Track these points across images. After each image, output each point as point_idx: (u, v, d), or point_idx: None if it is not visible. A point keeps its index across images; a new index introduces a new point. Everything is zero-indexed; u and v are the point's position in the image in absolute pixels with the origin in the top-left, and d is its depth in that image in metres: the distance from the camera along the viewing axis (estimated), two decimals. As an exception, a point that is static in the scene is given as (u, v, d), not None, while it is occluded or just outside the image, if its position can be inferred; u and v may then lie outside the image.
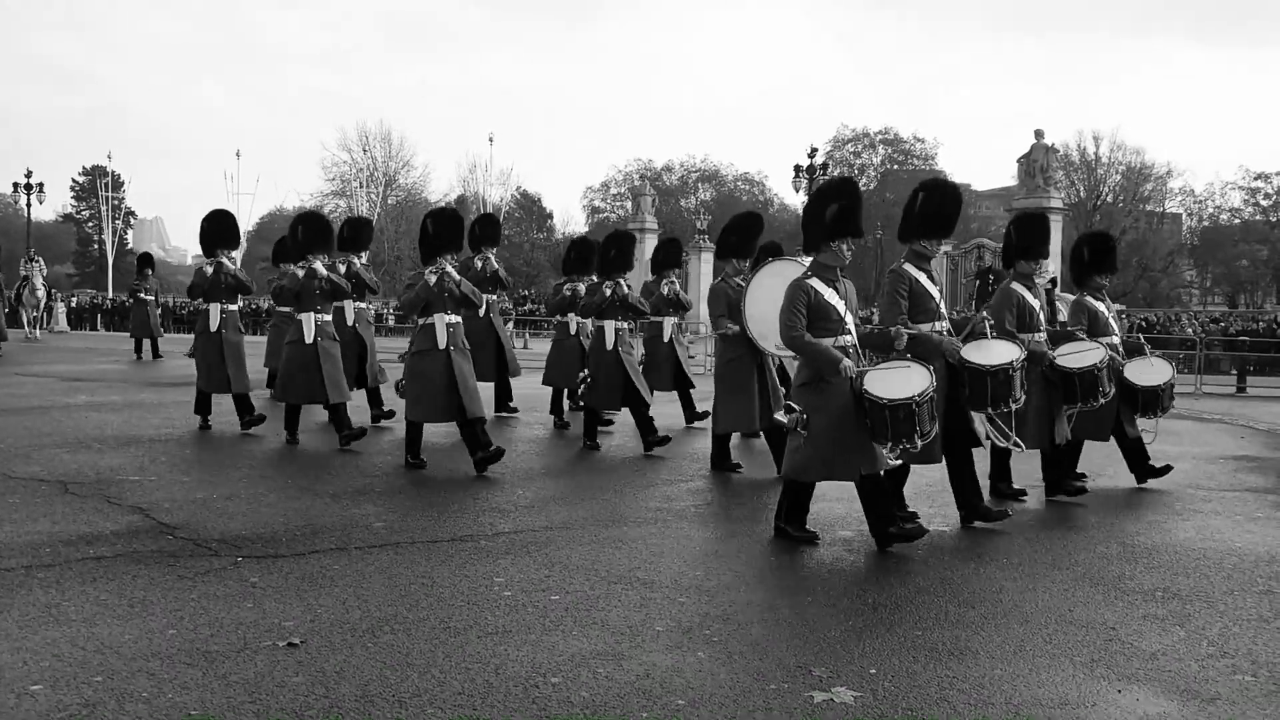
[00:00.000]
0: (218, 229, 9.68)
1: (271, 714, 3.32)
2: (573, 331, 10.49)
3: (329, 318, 9.13)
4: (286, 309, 10.87)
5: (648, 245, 53.72)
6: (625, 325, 9.34)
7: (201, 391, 9.76)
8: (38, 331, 24.47)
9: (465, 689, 3.56)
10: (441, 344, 7.75)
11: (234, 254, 10.17)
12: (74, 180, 76.83)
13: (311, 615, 4.32)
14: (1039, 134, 35.42)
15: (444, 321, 7.79)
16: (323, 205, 71.15)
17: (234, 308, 9.82)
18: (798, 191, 41.27)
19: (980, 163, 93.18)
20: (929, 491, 7.15)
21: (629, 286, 9.34)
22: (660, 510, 6.64)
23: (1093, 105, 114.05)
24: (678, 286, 10.62)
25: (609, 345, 9.06)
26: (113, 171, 61.48)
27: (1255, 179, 57.77)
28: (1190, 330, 30.86)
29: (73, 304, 43.05)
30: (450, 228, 8.06)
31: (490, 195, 56.20)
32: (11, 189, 49.84)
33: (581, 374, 9.41)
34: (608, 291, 9.09)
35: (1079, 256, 7.92)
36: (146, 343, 19.41)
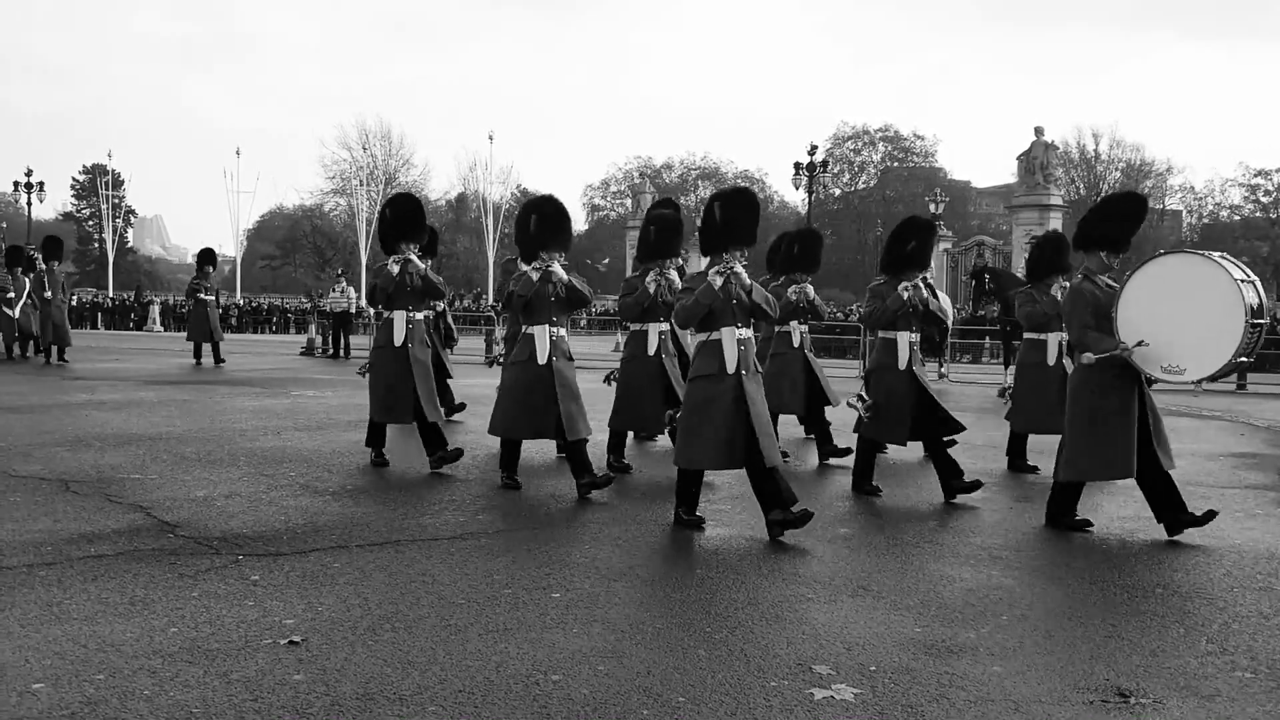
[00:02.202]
0: (401, 217, 7.97)
1: (273, 712, 3.32)
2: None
3: (421, 317, 7.96)
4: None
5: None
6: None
7: (377, 422, 8.06)
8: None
9: (466, 686, 3.57)
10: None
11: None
12: (74, 179, 76.88)
13: (312, 613, 4.33)
14: (1039, 131, 35.43)
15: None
16: (323, 204, 71.25)
17: (421, 316, 7.98)
18: (797, 189, 41.29)
19: (981, 161, 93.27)
20: (930, 494, 7.16)
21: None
22: (660, 508, 6.64)
23: (1091, 101, 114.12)
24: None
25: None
26: (113, 170, 61.51)
27: (1255, 175, 57.83)
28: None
29: (73, 302, 43.03)
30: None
31: (490, 193, 56.11)
32: (12, 188, 49.82)
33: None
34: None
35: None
36: (205, 346, 18.15)
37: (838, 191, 67.21)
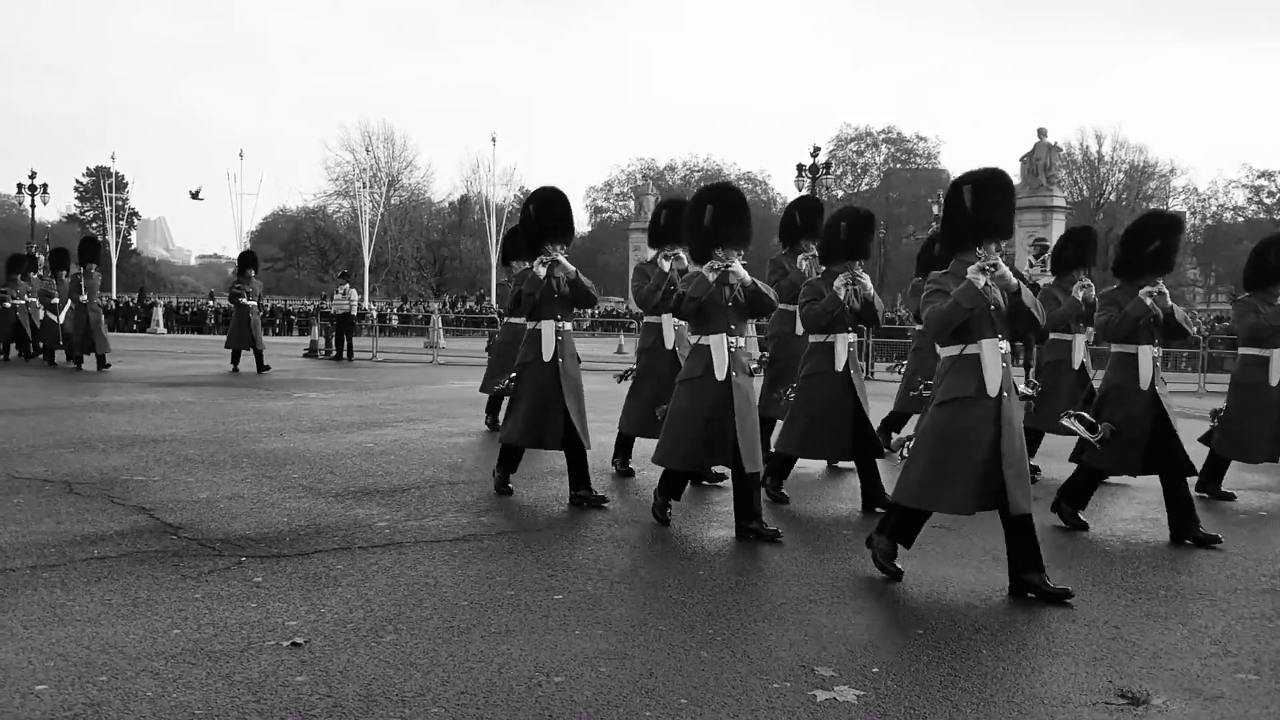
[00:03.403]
0: (546, 214, 6.78)
1: (275, 713, 3.33)
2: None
3: (570, 327, 6.93)
4: (519, 319, 9.53)
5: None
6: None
7: (512, 446, 7.00)
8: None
9: (468, 688, 3.57)
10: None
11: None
12: (78, 181, 77.09)
13: (315, 615, 4.33)
14: (1041, 133, 35.41)
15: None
16: (326, 205, 71.32)
17: (569, 326, 6.93)
18: (800, 191, 41.28)
19: (983, 162, 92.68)
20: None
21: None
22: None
23: (1093, 101, 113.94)
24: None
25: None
26: (116, 172, 61.62)
27: (1259, 177, 57.78)
28: (1194, 329, 30.81)
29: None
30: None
31: (494, 195, 56.14)
32: (16, 190, 49.91)
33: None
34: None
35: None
36: (239, 352, 17.58)
37: (840, 193, 67.18)
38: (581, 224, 79.46)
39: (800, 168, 39.03)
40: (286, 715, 3.32)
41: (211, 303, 48.23)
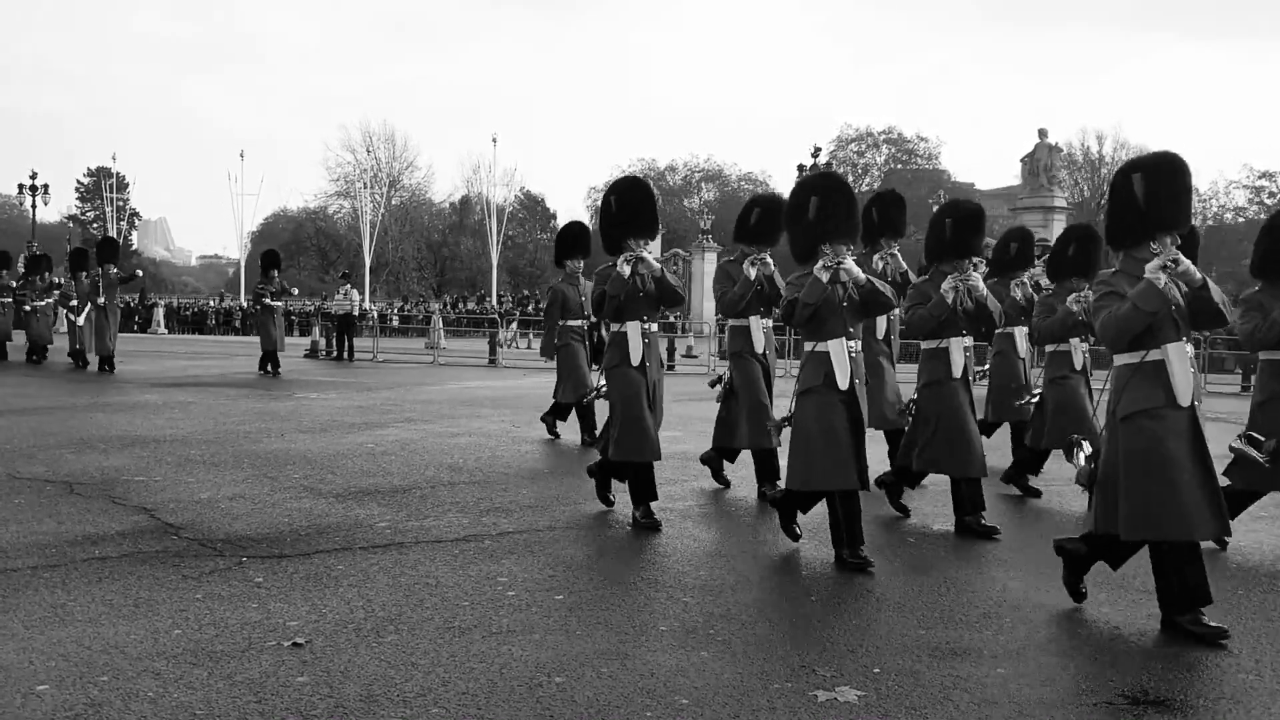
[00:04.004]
0: (629, 207, 6.27)
1: (276, 714, 3.33)
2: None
3: (656, 328, 6.41)
4: (576, 322, 9.65)
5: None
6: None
7: (614, 462, 6.34)
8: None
9: (469, 688, 3.57)
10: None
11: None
12: (78, 181, 77.04)
13: (316, 615, 4.33)
14: (1042, 133, 35.40)
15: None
16: (327, 206, 71.33)
17: (655, 327, 6.43)
18: (801, 191, 41.23)
19: (984, 163, 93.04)
20: (932, 493, 7.15)
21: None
22: (664, 510, 6.64)
23: (1093, 102, 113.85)
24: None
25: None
26: (117, 172, 61.58)
27: (1260, 178, 57.71)
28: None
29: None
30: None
31: (494, 196, 56.13)
32: (16, 190, 49.94)
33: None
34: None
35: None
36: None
37: (841, 193, 67.13)
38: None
39: (801, 168, 39.02)
40: (288, 715, 3.32)
41: (212, 303, 48.26)
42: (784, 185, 79.08)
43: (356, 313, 23.52)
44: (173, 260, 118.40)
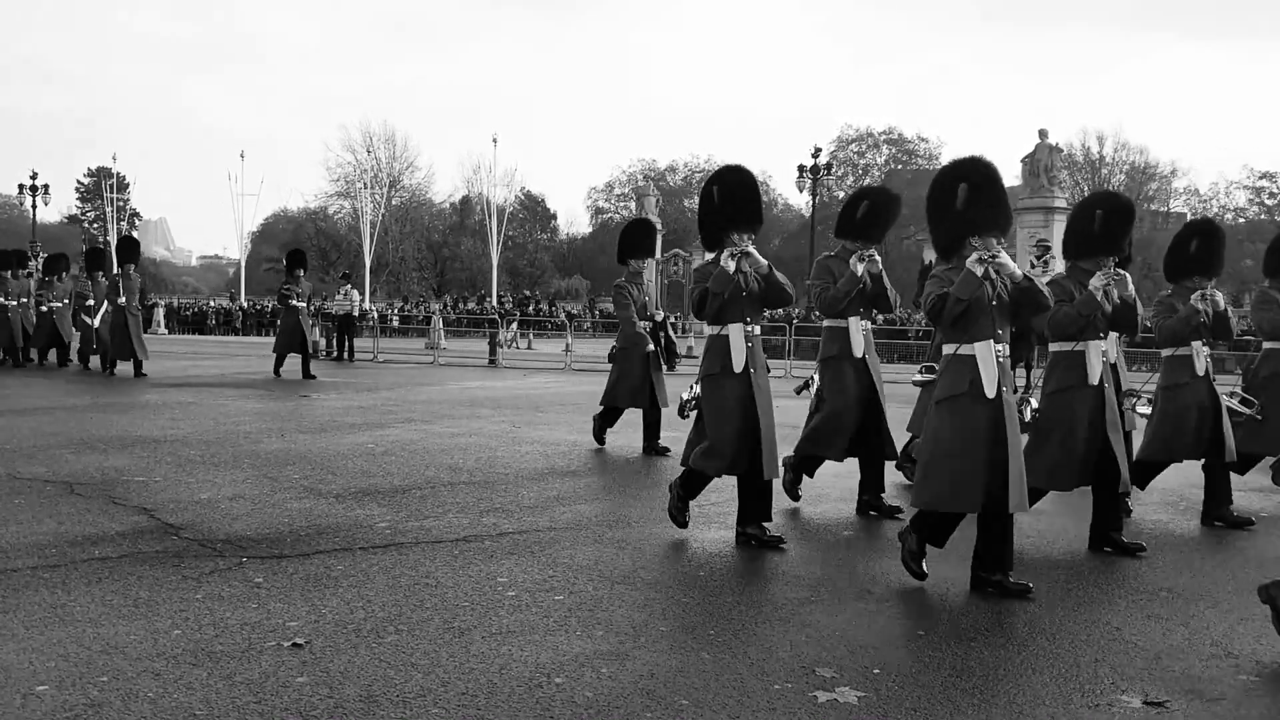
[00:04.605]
0: (733, 197, 5.80)
1: (276, 714, 3.33)
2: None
3: (760, 331, 5.87)
4: (642, 321, 9.12)
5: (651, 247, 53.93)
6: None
7: (700, 473, 5.91)
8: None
9: (469, 689, 3.57)
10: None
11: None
12: (79, 181, 77.09)
13: (316, 616, 4.33)
14: (1043, 134, 35.41)
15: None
16: (327, 206, 71.35)
17: (759, 330, 5.87)
18: (801, 191, 41.31)
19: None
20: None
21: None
22: (664, 510, 6.64)
23: (1094, 102, 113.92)
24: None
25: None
26: (117, 172, 61.59)
27: (1260, 178, 57.73)
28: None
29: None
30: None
31: (495, 196, 56.14)
32: (17, 190, 49.94)
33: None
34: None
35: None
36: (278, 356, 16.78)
37: (841, 194, 67.25)
38: (583, 225, 79.45)
39: (802, 168, 39.02)
40: (287, 716, 3.32)
41: (213, 304, 48.27)
42: (785, 186, 78.92)
43: (356, 313, 23.52)
44: (173, 260, 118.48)
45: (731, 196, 5.71)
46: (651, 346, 9.13)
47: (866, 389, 6.54)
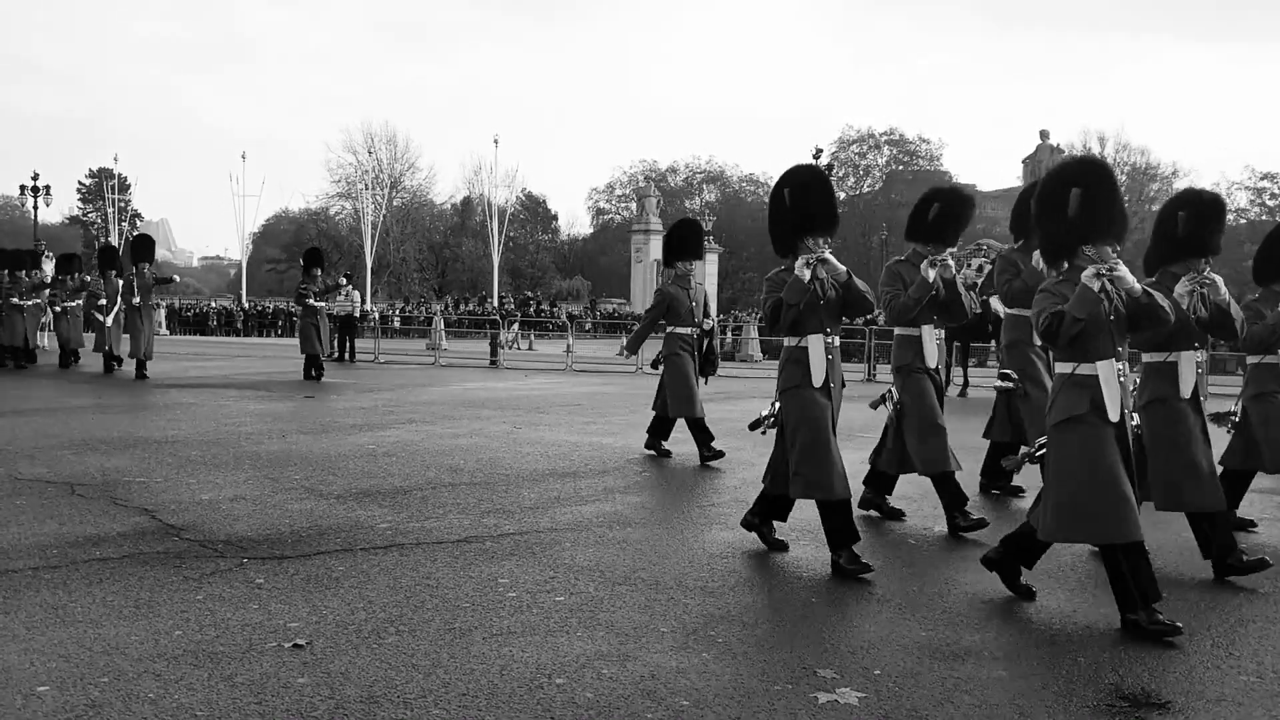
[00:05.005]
0: (807, 198, 5.45)
1: (277, 715, 3.33)
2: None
3: (838, 342, 5.57)
4: (686, 329, 8.84)
5: (652, 248, 54.01)
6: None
7: (774, 498, 5.66)
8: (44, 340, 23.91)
9: (470, 690, 3.57)
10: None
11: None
12: (80, 182, 77.21)
13: (317, 617, 4.33)
14: (1044, 135, 35.43)
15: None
16: (328, 207, 71.44)
17: (838, 341, 5.62)
18: (802, 193, 41.20)
19: (985, 164, 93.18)
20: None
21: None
22: (664, 511, 6.65)
23: (1095, 103, 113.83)
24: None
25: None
26: (119, 173, 61.64)
27: (1261, 179, 57.72)
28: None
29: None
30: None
31: (496, 197, 56.17)
32: (19, 191, 49.98)
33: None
34: None
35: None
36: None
37: (843, 195, 67.29)
38: (584, 226, 79.48)
39: (802, 169, 38.95)
40: (288, 717, 3.32)
41: (213, 304, 48.32)
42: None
43: (358, 314, 23.53)
44: (174, 261, 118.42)
45: (805, 198, 5.38)
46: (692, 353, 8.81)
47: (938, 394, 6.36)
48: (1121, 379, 4.48)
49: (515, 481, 7.58)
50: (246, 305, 48.65)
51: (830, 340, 5.39)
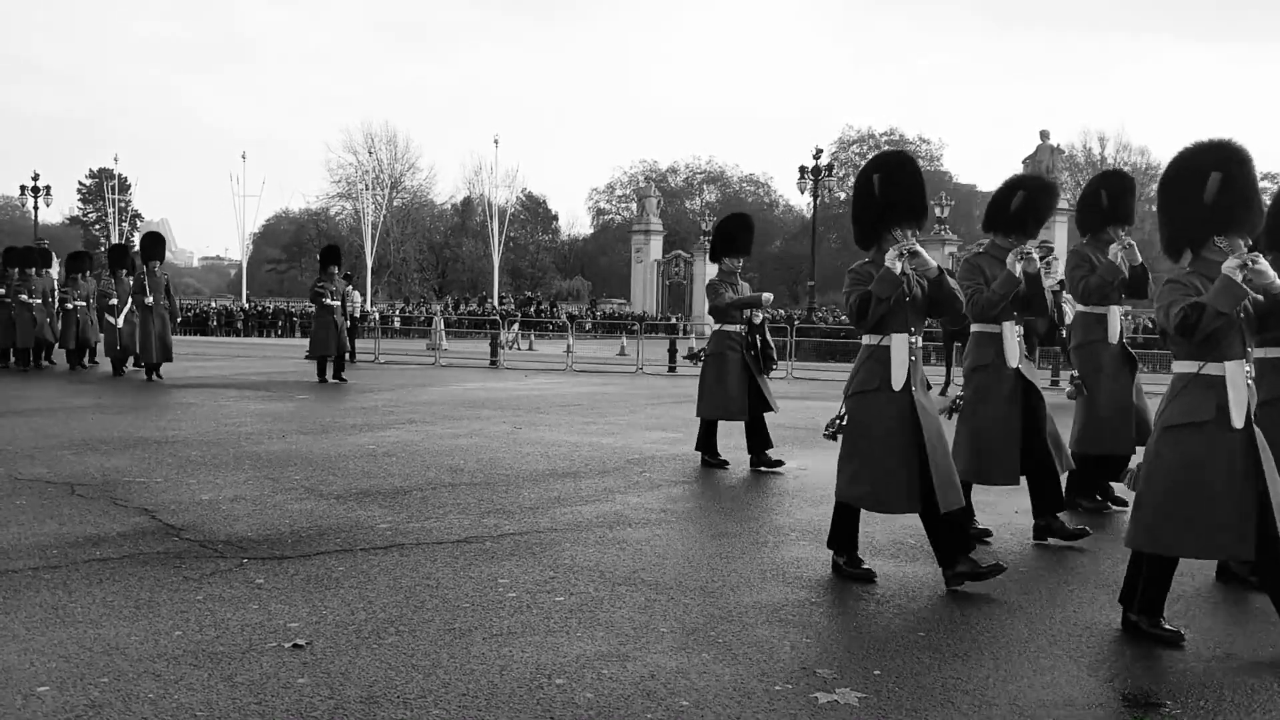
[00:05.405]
0: (894, 188, 5.12)
1: (277, 715, 3.33)
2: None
3: (920, 342, 5.27)
4: (734, 326, 8.49)
5: (653, 248, 54.00)
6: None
7: (851, 506, 5.22)
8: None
9: (470, 690, 3.57)
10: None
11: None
12: (80, 183, 77.26)
13: (317, 617, 4.33)
14: (1044, 135, 35.45)
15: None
16: (329, 207, 71.46)
17: (921, 341, 5.32)
18: (803, 193, 41.29)
19: (986, 164, 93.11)
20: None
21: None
22: (664, 512, 6.65)
23: (1095, 104, 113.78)
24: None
25: None
26: (119, 174, 61.65)
27: (1262, 179, 57.73)
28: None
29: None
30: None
31: (496, 197, 56.17)
32: (19, 191, 49.98)
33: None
34: None
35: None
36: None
37: (843, 195, 67.27)
38: (584, 226, 79.53)
39: (803, 169, 39.01)
40: (288, 717, 3.32)
41: (213, 304, 48.33)
42: (785, 187, 79.10)
43: (358, 314, 23.52)
44: (175, 261, 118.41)
45: (894, 185, 5.04)
46: (742, 351, 8.46)
47: (1025, 396, 5.85)
48: (1250, 381, 4.17)
49: (515, 482, 7.59)
50: (247, 305, 48.65)
51: (914, 340, 5.09)
